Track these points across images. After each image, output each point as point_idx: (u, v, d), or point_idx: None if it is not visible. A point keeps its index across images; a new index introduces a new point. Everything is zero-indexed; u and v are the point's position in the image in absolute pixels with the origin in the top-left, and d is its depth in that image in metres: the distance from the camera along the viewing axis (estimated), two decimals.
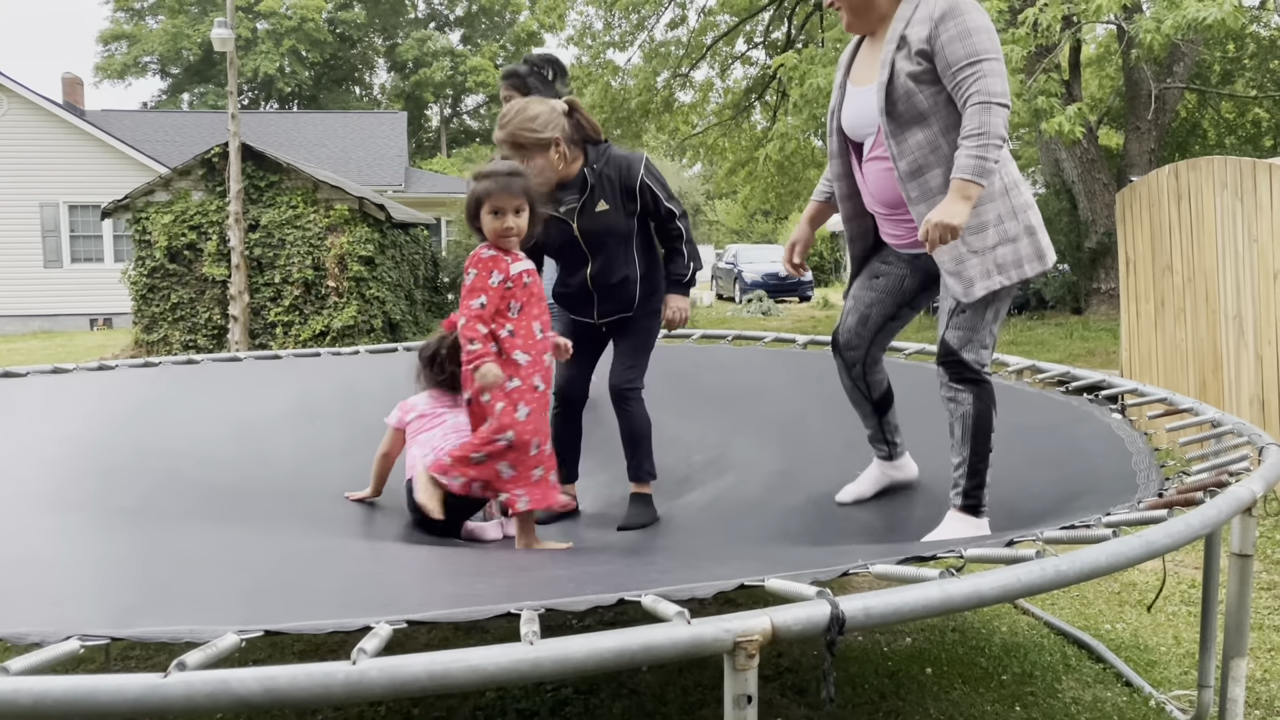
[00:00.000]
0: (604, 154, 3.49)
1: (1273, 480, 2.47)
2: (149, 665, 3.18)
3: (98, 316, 21.43)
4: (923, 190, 2.77)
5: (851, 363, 3.11)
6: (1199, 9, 8.85)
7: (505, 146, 3.35)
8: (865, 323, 3.08)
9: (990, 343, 2.83)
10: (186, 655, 1.47)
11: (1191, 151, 17.30)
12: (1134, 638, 3.49)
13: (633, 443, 3.65)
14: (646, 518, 3.60)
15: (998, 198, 2.74)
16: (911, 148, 2.76)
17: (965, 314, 2.79)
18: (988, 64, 2.62)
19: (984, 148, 2.57)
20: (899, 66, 2.74)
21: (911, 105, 2.73)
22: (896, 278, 3.03)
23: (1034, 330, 13.65)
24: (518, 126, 3.32)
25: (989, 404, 2.81)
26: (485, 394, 3.03)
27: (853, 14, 2.87)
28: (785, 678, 3.11)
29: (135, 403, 4.36)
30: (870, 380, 3.12)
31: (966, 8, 2.68)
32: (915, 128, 2.75)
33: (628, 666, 1.54)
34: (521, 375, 3.08)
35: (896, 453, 3.16)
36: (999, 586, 1.73)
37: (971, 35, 2.64)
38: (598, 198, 3.46)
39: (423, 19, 46.00)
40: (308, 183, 14.62)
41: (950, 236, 2.57)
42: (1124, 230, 7.33)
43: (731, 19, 18.41)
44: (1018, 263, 2.76)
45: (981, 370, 2.81)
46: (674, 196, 3.58)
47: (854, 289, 3.14)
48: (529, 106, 3.36)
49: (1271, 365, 5.30)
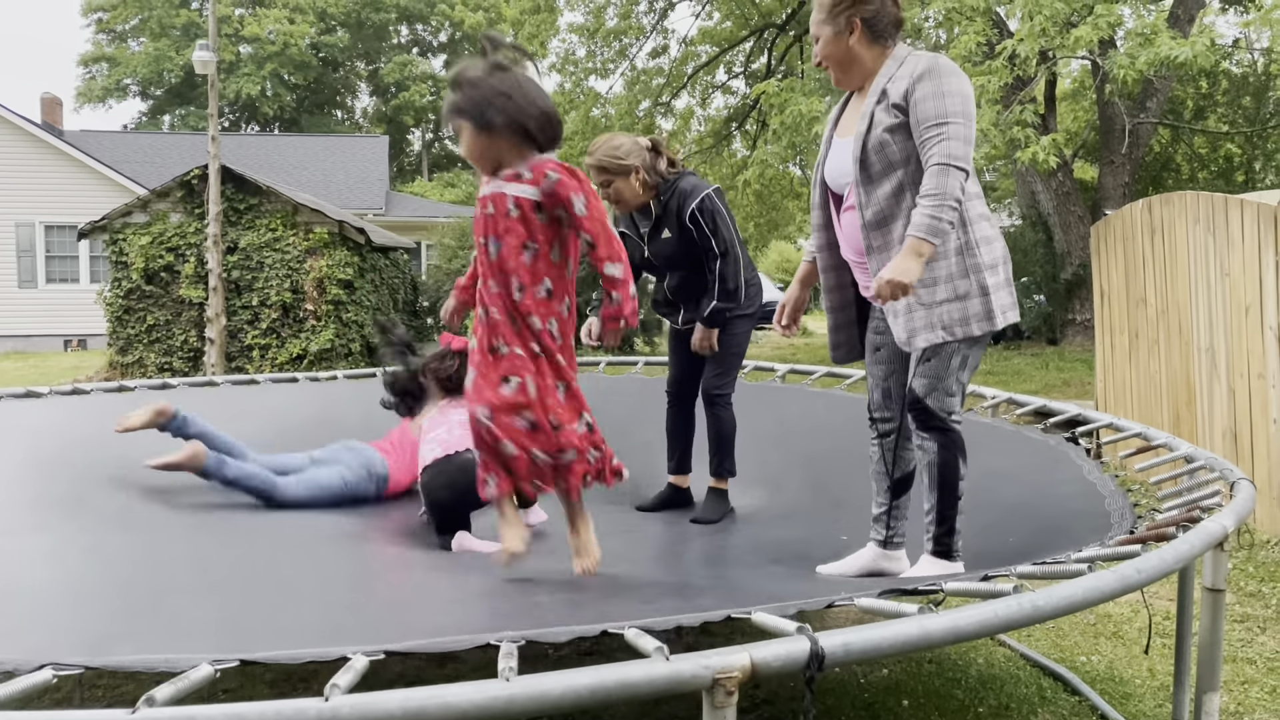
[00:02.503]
0: (673, 185, 3.84)
1: (1244, 515, 2.49)
2: (117, 695, 3.13)
3: (72, 338, 21.23)
4: (885, 240, 2.83)
5: (885, 433, 3.09)
6: (1172, 47, 9.00)
7: (594, 170, 3.78)
8: (889, 396, 3.08)
9: (957, 390, 2.85)
10: (156, 690, 1.45)
11: (1165, 186, 17.55)
12: (1109, 670, 3.50)
13: (718, 442, 3.97)
14: (720, 512, 3.93)
15: (952, 256, 2.78)
16: (879, 198, 2.82)
17: (930, 362, 2.82)
18: (954, 127, 2.67)
19: (939, 209, 2.63)
20: (877, 118, 2.80)
21: (884, 156, 2.79)
22: (893, 345, 3.01)
23: (1010, 360, 13.76)
24: (604, 153, 3.78)
25: (955, 453, 2.83)
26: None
27: (840, 70, 2.93)
28: (762, 709, 3.09)
29: (109, 427, 4.32)
30: (899, 455, 3.08)
31: (947, 70, 2.75)
32: (885, 179, 2.81)
33: (604, 704, 1.53)
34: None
35: (894, 542, 3.10)
36: (977, 622, 1.73)
37: (945, 97, 2.70)
38: (663, 227, 3.88)
39: (405, 44, 46.15)
40: (287, 205, 14.58)
41: (900, 294, 2.63)
42: (1099, 263, 7.41)
43: (712, 49, 18.58)
44: (964, 321, 2.79)
45: (948, 418, 2.83)
46: (724, 234, 3.80)
47: (867, 363, 3.15)
48: (615, 137, 3.87)
49: (1244, 398, 5.36)
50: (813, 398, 5.05)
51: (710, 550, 3.60)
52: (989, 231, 2.84)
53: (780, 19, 17.48)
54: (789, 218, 21.23)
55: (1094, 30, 9.22)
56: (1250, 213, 5.28)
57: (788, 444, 4.49)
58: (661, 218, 3.87)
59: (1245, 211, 5.33)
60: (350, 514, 3.81)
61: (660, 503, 4.10)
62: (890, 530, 3.10)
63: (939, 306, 2.79)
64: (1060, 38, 9.48)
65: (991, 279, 2.81)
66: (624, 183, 3.79)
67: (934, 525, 2.86)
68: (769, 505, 4.05)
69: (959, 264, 2.79)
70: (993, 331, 2.83)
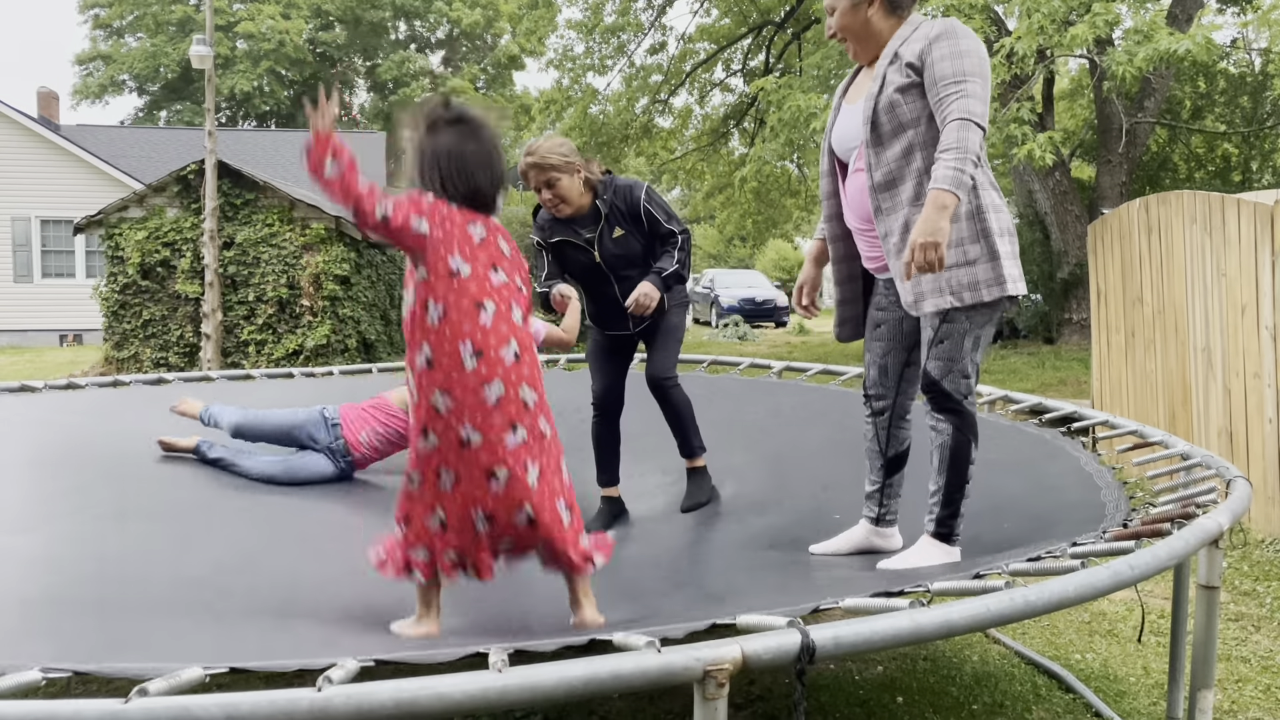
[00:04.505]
0: (610, 185, 3.83)
1: (1239, 513, 2.49)
2: (110, 690, 3.12)
3: (68, 333, 21.18)
4: (893, 202, 2.80)
5: (880, 410, 3.08)
6: (1170, 41, 9.01)
7: (536, 170, 3.66)
8: (885, 372, 3.07)
9: (972, 371, 2.83)
10: (149, 682, 1.45)
11: (1162, 185, 17.54)
12: (1104, 668, 3.50)
13: (679, 423, 3.93)
14: (708, 492, 3.93)
15: (963, 220, 2.75)
16: (888, 159, 2.79)
17: (944, 344, 2.80)
18: (972, 85, 2.65)
19: (962, 161, 2.58)
20: (889, 79, 2.78)
21: (894, 117, 2.77)
22: (894, 322, 3.02)
23: (1007, 359, 13.75)
24: (550, 150, 3.69)
25: (969, 435, 2.82)
26: None
27: (857, 43, 2.91)
28: (756, 706, 3.09)
29: (104, 422, 4.32)
30: (893, 434, 3.08)
31: (963, 33, 2.73)
32: (894, 140, 2.78)
33: (597, 695, 1.53)
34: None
35: (886, 520, 3.10)
36: (969, 616, 1.73)
37: (963, 56, 2.68)
38: (613, 225, 3.81)
39: (404, 40, 46.07)
40: (284, 201, 14.54)
41: (935, 256, 2.53)
42: (1095, 262, 7.42)
43: (711, 46, 18.56)
44: (973, 285, 2.75)
45: (963, 400, 2.82)
46: (674, 218, 3.89)
47: (865, 340, 3.13)
48: (554, 137, 3.83)
49: (1240, 398, 5.36)
50: (806, 392, 5.05)
51: (703, 542, 3.60)
52: (997, 200, 2.82)
53: (779, 16, 17.46)
54: (786, 215, 21.20)
55: (1091, 29, 9.22)
56: (1247, 212, 5.28)
57: (779, 434, 4.48)
58: (609, 216, 3.80)
59: (1242, 211, 5.33)
60: (350, 515, 3.81)
61: (603, 522, 3.90)
62: (883, 508, 3.10)
63: (948, 271, 2.74)
64: (1058, 36, 9.48)
65: (1001, 246, 2.78)
66: (569, 181, 3.70)
67: (939, 507, 2.84)
68: (756, 492, 4.03)
69: (970, 228, 2.75)
70: (1004, 298, 2.76)
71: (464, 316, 2.31)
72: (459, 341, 2.30)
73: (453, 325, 2.30)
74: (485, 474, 2.30)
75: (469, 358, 2.29)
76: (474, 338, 2.30)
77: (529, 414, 2.35)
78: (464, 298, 2.31)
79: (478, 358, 2.30)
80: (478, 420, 2.29)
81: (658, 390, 3.92)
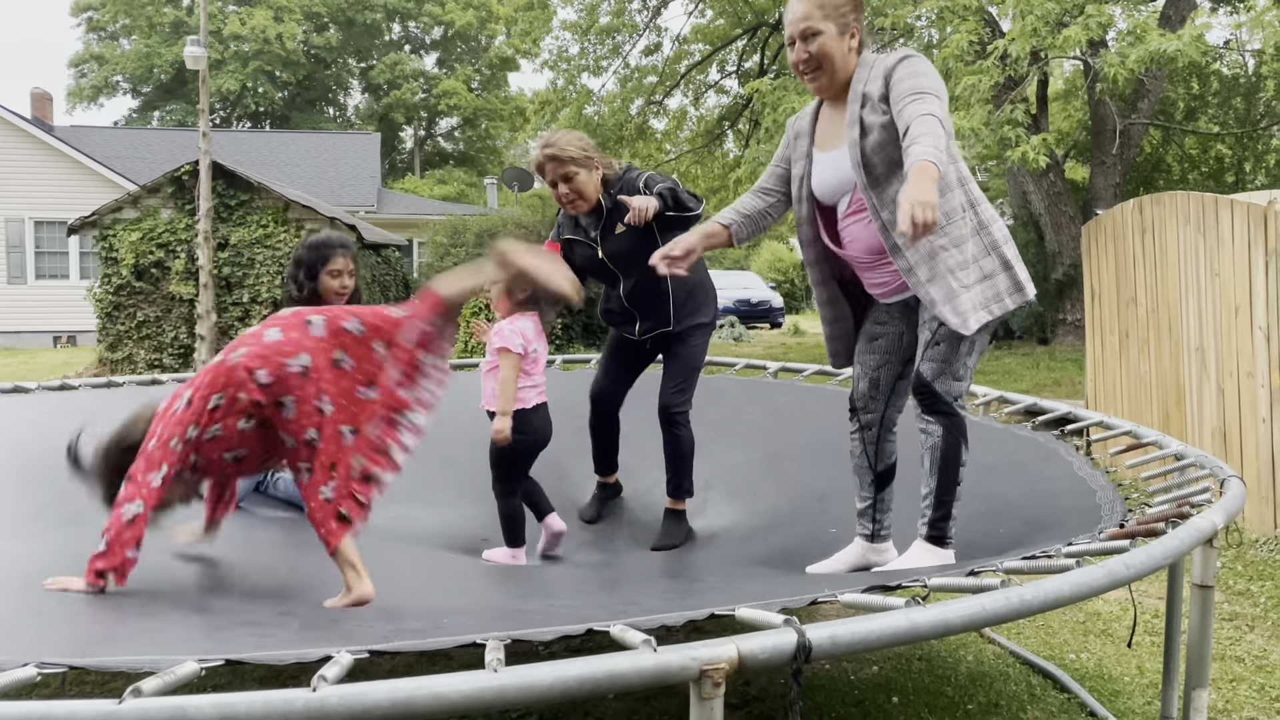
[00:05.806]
0: (621, 178, 3.74)
1: (1234, 512, 2.49)
2: (105, 690, 3.11)
3: (61, 334, 21.13)
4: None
5: (868, 425, 3.08)
6: (1162, 42, 9.03)
7: (556, 163, 3.61)
8: (877, 386, 3.07)
9: (965, 375, 2.84)
10: (143, 682, 1.44)
11: (1155, 186, 17.59)
12: (1098, 668, 3.51)
13: (676, 461, 3.82)
14: (680, 535, 3.78)
15: (970, 238, 2.78)
16: (890, 196, 2.77)
17: (940, 346, 2.81)
18: (931, 98, 2.65)
19: (936, 140, 2.51)
20: (868, 121, 2.79)
21: (886, 156, 2.77)
22: (894, 336, 3.02)
23: (1001, 360, 13.77)
24: (570, 142, 3.63)
25: (959, 437, 2.83)
26: None
27: (828, 74, 2.88)
28: (752, 706, 3.09)
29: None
30: (881, 448, 3.08)
31: (919, 59, 2.78)
32: (892, 178, 2.77)
33: (593, 695, 1.53)
34: None
35: (881, 535, 3.10)
36: (965, 615, 1.73)
37: (920, 76, 2.71)
38: (615, 219, 3.67)
39: (397, 41, 46.04)
40: (278, 202, 14.53)
41: (931, 213, 2.40)
42: (1089, 262, 7.43)
43: (705, 47, 18.56)
44: (998, 297, 2.82)
45: (954, 403, 2.83)
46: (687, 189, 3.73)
47: (857, 354, 3.12)
48: (571, 130, 3.86)
49: (1233, 398, 5.38)
50: (803, 392, 5.05)
51: (701, 544, 3.60)
52: (992, 211, 2.88)
53: (774, 17, 17.46)
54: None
55: (1084, 31, 9.24)
56: (1240, 213, 5.29)
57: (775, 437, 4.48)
58: (612, 211, 3.68)
59: (1235, 212, 5.35)
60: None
61: (600, 506, 4.05)
62: (876, 524, 3.10)
63: (975, 287, 2.78)
64: (1051, 38, 9.50)
65: (1009, 253, 2.84)
66: (587, 176, 3.63)
67: (931, 510, 2.85)
68: (754, 492, 4.02)
69: (978, 244, 2.80)
70: (1025, 303, 2.84)
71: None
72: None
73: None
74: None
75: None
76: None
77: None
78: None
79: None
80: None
81: (665, 420, 3.81)
